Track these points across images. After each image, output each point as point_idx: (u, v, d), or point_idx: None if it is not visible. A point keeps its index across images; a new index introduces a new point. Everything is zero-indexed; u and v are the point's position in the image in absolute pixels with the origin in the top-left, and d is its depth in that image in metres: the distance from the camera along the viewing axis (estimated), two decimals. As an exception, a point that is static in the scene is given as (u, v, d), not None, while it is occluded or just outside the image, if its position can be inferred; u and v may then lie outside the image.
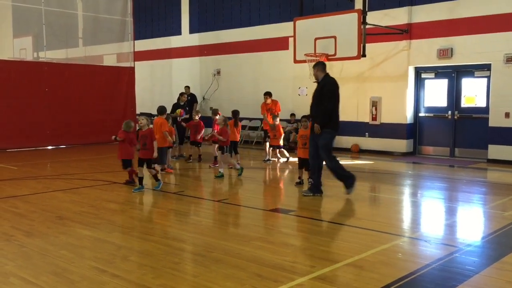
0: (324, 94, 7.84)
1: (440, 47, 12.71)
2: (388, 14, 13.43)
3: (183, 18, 19.06)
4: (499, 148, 12.01)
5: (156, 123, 9.98)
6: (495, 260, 4.83)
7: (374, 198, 8.66)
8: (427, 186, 9.48)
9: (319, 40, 12.79)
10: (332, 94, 7.84)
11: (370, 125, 14.05)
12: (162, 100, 19.59)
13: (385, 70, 13.71)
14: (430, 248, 5.26)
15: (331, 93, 7.83)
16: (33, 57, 16.78)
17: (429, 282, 4.30)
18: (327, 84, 7.92)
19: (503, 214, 6.83)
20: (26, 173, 10.32)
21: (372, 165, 11.92)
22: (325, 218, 6.64)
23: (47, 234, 5.77)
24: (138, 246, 5.37)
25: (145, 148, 8.32)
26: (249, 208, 7.38)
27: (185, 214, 6.92)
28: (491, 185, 9.66)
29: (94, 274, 4.43)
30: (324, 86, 7.91)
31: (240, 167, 10.05)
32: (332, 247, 5.22)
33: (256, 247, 5.22)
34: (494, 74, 12.03)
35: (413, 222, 6.76)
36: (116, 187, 8.70)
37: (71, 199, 7.71)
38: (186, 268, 4.68)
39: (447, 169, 11.53)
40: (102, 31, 17.12)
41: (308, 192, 8.04)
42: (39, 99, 14.91)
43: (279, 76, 15.90)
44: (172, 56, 19.53)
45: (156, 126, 9.90)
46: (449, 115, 13.19)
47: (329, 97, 7.79)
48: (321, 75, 8.08)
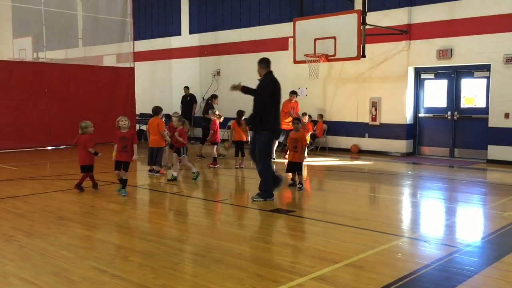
0: (259, 92, 7.49)
1: (439, 48, 12.73)
2: (387, 14, 13.44)
3: (183, 19, 19.06)
4: (499, 149, 12.02)
5: (151, 123, 9.98)
6: (495, 260, 4.84)
7: (374, 198, 8.66)
8: (426, 187, 9.49)
9: (318, 40, 12.80)
10: (265, 93, 7.39)
11: (369, 126, 14.07)
12: (162, 100, 19.62)
13: (384, 71, 13.73)
14: (429, 249, 5.27)
15: (264, 92, 7.40)
16: (33, 57, 16.78)
17: (428, 282, 4.31)
18: (263, 84, 7.55)
19: (502, 214, 6.83)
20: (26, 174, 10.32)
21: (371, 166, 11.93)
22: (325, 218, 6.64)
23: (47, 234, 5.78)
24: (138, 246, 5.38)
25: (124, 151, 7.92)
26: (249, 208, 7.39)
27: (185, 215, 6.92)
28: (490, 185, 9.67)
29: (94, 274, 4.43)
30: (261, 85, 7.58)
31: (196, 171, 9.44)
32: (332, 248, 5.22)
33: (256, 248, 5.22)
34: (494, 75, 12.04)
35: (413, 222, 6.77)
36: (116, 188, 8.69)
37: (71, 200, 7.72)
38: (186, 268, 4.69)
39: (446, 170, 11.54)
40: (101, 31, 17.14)
41: (258, 197, 7.49)
42: (39, 99, 14.92)
43: (279, 77, 15.65)
44: (172, 56, 19.53)
45: (152, 126, 9.91)
46: (449, 115, 13.20)
47: (261, 96, 7.37)
48: (263, 72, 7.67)
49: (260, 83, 7.57)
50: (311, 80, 13.82)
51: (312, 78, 13.44)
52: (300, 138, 8.51)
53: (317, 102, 15.12)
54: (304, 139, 8.57)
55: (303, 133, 8.83)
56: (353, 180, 10.32)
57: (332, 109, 14.82)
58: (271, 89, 7.44)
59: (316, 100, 15.16)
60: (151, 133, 10.04)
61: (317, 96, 15.17)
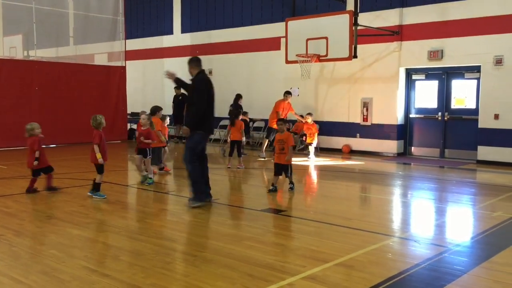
0: (196, 94, 7.12)
1: (430, 49, 12.81)
2: (379, 15, 13.50)
3: (175, 18, 19.02)
4: (488, 149, 12.12)
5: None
6: (484, 260, 4.88)
7: (365, 198, 8.70)
8: (417, 187, 9.54)
9: (310, 40, 12.83)
10: (202, 93, 7.08)
11: (361, 126, 14.12)
12: (154, 100, 19.55)
13: (376, 71, 13.79)
14: (419, 248, 5.30)
15: (201, 92, 7.08)
16: (23, 55, 16.67)
17: (418, 281, 4.34)
18: (197, 83, 7.20)
19: (492, 214, 6.89)
20: (16, 172, 10.24)
21: (362, 166, 11.98)
22: (316, 218, 6.67)
23: (37, 233, 5.75)
24: (129, 245, 5.36)
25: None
26: (240, 208, 7.39)
27: (176, 214, 6.91)
28: (480, 186, 9.75)
29: (85, 274, 4.41)
30: (194, 85, 7.24)
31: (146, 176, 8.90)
32: (323, 247, 5.24)
33: (247, 247, 5.23)
34: (484, 76, 12.14)
35: (403, 222, 6.81)
36: (107, 187, 8.65)
37: (62, 199, 7.67)
38: (177, 267, 4.68)
39: (437, 170, 11.61)
40: (93, 30, 17.05)
41: (194, 202, 7.09)
42: (29, 98, 14.82)
43: (271, 76, 15.93)
44: (164, 55, 19.47)
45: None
46: (439, 116, 13.29)
47: (200, 96, 7.05)
48: (194, 71, 7.29)
49: (195, 83, 7.23)
50: (303, 80, 13.86)
51: (304, 78, 13.47)
52: (287, 139, 8.38)
53: (309, 102, 15.15)
54: (290, 140, 8.42)
55: (289, 134, 8.65)
56: (344, 180, 10.36)
57: (324, 109, 14.86)
58: (204, 90, 7.14)
59: (308, 100, 15.19)
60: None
61: (309, 96, 15.21)
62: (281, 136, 8.47)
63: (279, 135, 8.53)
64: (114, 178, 9.16)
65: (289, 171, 8.45)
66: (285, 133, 8.54)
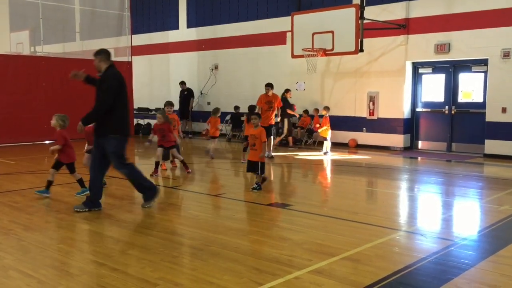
0: (103, 90, 6.45)
1: (437, 42, 12.74)
2: (385, 9, 13.44)
3: (180, 13, 19.02)
4: (496, 143, 12.06)
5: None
6: (491, 254, 4.88)
7: (371, 192, 8.70)
8: (423, 181, 9.53)
9: (316, 35, 12.80)
10: (111, 91, 6.37)
11: (367, 120, 14.09)
12: (160, 95, 19.62)
13: (382, 65, 13.73)
14: (426, 242, 5.31)
15: (110, 90, 6.37)
16: (30, 51, 16.73)
17: (424, 275, 4.35)
18: (107, 79, 6.49)
19: (499, 208, 6.88)
20: (24, 168, 10.32)
21: (369, 160, 11.97)
22: (322, 212, 6.68)
23: (45, 228, 5.80)
24: (137, 240, 5.40)
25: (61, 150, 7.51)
26: (246, 202, 7.42)
27: (183, 209, 6.95)
28: (487, 179, 9.72)
29: (93, 268, 4.46)
30: (103, 81, 6.52)
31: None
32: (329, 241, 5.26)
33: (253, 241, 5.25)
34: (491, 69, 12.07)
35: (410, 216, 6.81)
36: (114, 181, 8.71)
37: (69, 194, 7.73)
38: (184, 261, 4.72)
39: (444, 164, 11.58)
40: (99, 25, 17.08)
41: (82, 207, 6.51)
42: (36, 93, 14.90)
43: (277, 71, 15.91)
44: (170, 50, 19.50)
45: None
46: (446, 110, 13.23)
47: (107, 95, 6.36)
48: (103, 66, 6.60)
49: (104, 79, 6.50)
50: (309, 75, 13.83)
51: (310, 73, 13.45)
52: (259, 135, 7.93)
53: (315, 97, 15.13)
54: (262, 135, 7.94)
55: (261, 130, 8.09)
56: (351, 174, 10.36)
57: (330, 103, 14.81)
58: (117, 86, 6.44)
59: (314, 95, 15.17)
60: None
61: (315, 90, 15.18)
62: (254, 131, 8.05)
63: (253, 130, 8.12)
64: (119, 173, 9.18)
65: (260, 169, 7.91)
66: (258, 128, 8.09)
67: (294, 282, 4.10)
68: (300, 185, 9.22)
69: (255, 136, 7.96)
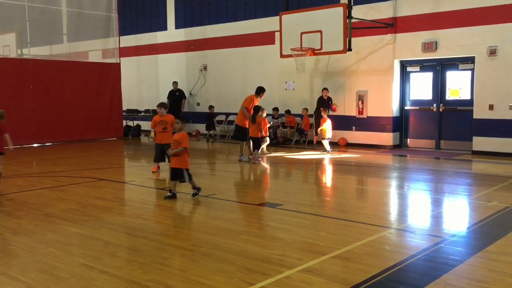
0: None
1: (424, 41, 12.83)
2: (373, 8, 13.50)
3: (168, 14, 18.96)
4: (483, 140, 12.17)
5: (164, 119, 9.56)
6: (479, 250, 4.92)
7: (361, 191, 8.73)
8: (413, 178, 9.58)
9: (305, 34, 12.83)
10: None
11: (356, 119, 14.14)
12: (149, 96, 19.56)
13: (370, 64, 13.80)
14: (416, 239, 5.34)
15: None
16: (17, 54, 16.58)
17: (414, 272, 4.38)
18: None
19: (487, 204, 6.94)
20: (12, 171, 10.22)
21: (359, 159, 12.02)
22: (312, 211, 6.70)
23: (34, 232, 5.75)
24: (126, 242, 5.37)
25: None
26: (237, 202, 7.41)
27: (174, 210, 6.92)
28: (475, 176, 9.80)
29: (83, 271, 4.43)
30: None
31: None
32: (319, 240, 5.27)
33: (244, 241, 5.25)
34: (478, 67, 12.18)
35: (399, 214, 6.84)
36: (104, 184, 8.67)
37: (58, 197, 7.67)
38: (175, 263, 4.70)
39: (432, 161, 11.66)
40: (86, 27, 16.96)
41: None
42: (24, 96, 14.76)
43: (266, 71, 15.92)
44: (158, 51, 19.43)
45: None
46: (434, 107, 13.33)
47: None
48: None
49: None
50: (298, 74, 13.86)
51: (299, 72, 13.47)
52: (181, 140, 7.24)
53: (304, 96, 15.16)
54: (184, 140, 7.22)
55: (183, 135, 7.36)
56: (341, 173, 10.39)
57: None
58: None
59: (303, 94, 15.20)
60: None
61: (304, 90, 15.21)
62: (176, 136, 7.34)
63: (176, 135, 7.38)
64: (111, 175, 9.15)
65: (186, 176, 7.31)
66: (181, 133, 7.36)
67: (285, 282, 4.11)
68: (290, 185, 9.23)
69: (177, 141, 7.24)
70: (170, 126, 9.34)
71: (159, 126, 9.42)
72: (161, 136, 9.44)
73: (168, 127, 9.41)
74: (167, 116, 9.47)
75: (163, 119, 9.42)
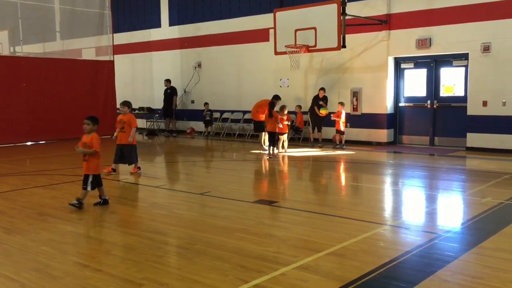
0: None
1: (418, 37, 12.84)
2: (367, 4, 13.50)
3: (162, 11, 18.88)
4: (477, 136, 12.21)
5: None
6: (474, 246, 4.93)
7: (356, 187, 8.74)
8: (407, 175, 9.61)
9: (299, 31, 12.81)
10: None
11: (351, 116, 14.15)
12: (143, 94, 19.49)
13: (365, 61, 13.80)
14: (410, 235, 5.35)
15: None
16: (10, 51, 16.48)
17: (409, 268, 4.38)
18: None
19: (481, 200, 6.96)
20: (5, 170, 10.16)
21: (353, 155, 12.03)
22: (307, 208, 6.69)
23: (28, 230, 5.71)
24: (121, 240, 5.35)
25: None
26: (231, 200, 7.40)
27: (168, 207, 6.90)
28: (469, 172, 9.84)
29: (77, 270, 4.40)
30: None
31: None
32: (314, 237, 5.27)
33: (239, 239, 5.24)
34: (472, 63, 12.21)
35: (394, 210, 6.85)
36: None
37: (52, 195, 7.63)
38: (170, 261, 4.69)
39: (427, 158, 11.69)
40: (80, 24, 16.87)
41: None
42: (17, 94, 14.67)
43: (260, 68, 15.90)
44: (152, 49, 19.35)
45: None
46: (429, 104, 13.35)
47: None
48: None
49: None
50: (293, 71, 13.85)
51: (293, 69, 13.46)
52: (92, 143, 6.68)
53: (299, 93, 15.15)
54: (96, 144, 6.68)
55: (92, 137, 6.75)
56: (335, 170, 10.40)
57: (314, 99, 14.85)
58: None
59: (297, 91, 15.19)
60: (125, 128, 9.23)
61: (298, 87, 15.20)
62: (85, 138, 6.78)
63: (85, 137, 6.80)
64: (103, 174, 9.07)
65: (89, 183, 6.67)
66: (90, 135, 6.75)
67: (280, 279, 4.10)
68: (285, 182, 9.23)
69: (87, 145, 6.68)
70: (128, 126, 9.11)
71: (119, 126, 9.19)
72: (119, 136, 9.19)
73: (126, 127, 9.11)
74: (126, 116, 9.21)
75: (121, 119, 9.19)
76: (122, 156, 9.28)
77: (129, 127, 9.13)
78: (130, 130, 9.13)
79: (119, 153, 9.29)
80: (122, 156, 9.28)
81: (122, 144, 9.19)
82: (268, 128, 11.76)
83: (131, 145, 9.25)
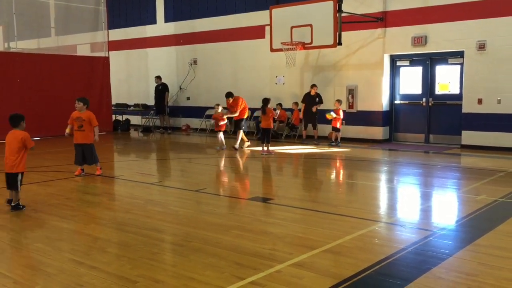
0: None
1: (414, 35, 12.85)
2: (363, 2, 13.49)
3: (158, 7, 18.80)
4: (472, 134, 12.25)
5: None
6: (468, 243, 4.95)
7: (351, 185, 8.75)
8: (402, 172, 9.62)
9: (295, 28, 12.79)
10: None
11: (347, 113, 14.14)
12: (139, 90, 19.43)
13: (360, 58, 13.80)
14: (405, 233, 5.36)
15: None
16: (4, 47, 16.36)
17: (404, 265, 4.39)
18: None
19: (476, 198, 6.98)
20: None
21: (349, 153, 12.04)
22: (303, 205, 6.69)
23: (21, 227, 5.68)
24: (116, 237, 5.33)
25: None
26: (227, 197, 7.39)
27: (163, 204, 6.88)
28: (464, 170, 9.86)
29: (71, 267, 4.38)
30: None
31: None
32: (310, 234, 5.27)
33: (235, 236, 5.23)
34: (467, 61, 12.23)
35: (389, 207, 6.87)
36: (92, 179, 8.59)
37: (46, 192, 7.60)
38: (165, 258, 4.67)
39: (422, 155, 11.72)
40: (75, 20, 16.76)
41: None
42: (11, 90, 14.57)
43: (256, 65, 15.87)
44: (148, 45, 19.28)
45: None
46: (424, 102, 13.38)
47: None
48: None
49: None
50: (288, 68, 13.84)
51: (289, 66, 13.45)
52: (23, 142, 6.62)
53: (295, 90, 15.14)
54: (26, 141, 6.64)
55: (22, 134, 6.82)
56: (331, 167, 10.41)
57: (310, 97, 14.83)
58: None
59: (293, 88, 15.18)
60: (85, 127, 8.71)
61: (294, 84, 15.19)
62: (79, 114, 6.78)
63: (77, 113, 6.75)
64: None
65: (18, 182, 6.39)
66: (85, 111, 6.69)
67: (276, 276, 4.10)
68: (280, 179, 9.23)
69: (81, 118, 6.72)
70: (88, 124, 8.58)
71: (75, 123, 8.60)
72: (77, 135, 8.64)
73: (85, 125, 8.56)
74: (85, 113, 8.61)
75: (79, 116, 8.59)
76: (85, 156, 8.79)
77: (89, 125, 8.61)
78: (89, 128, 8.63)
79: (81, 153, 8.75)
80: (84, 156, 8.79)
81: (83, 143, 8.66)
82: (262, 125, 11.78)
83: (91, 144, 8.75)
